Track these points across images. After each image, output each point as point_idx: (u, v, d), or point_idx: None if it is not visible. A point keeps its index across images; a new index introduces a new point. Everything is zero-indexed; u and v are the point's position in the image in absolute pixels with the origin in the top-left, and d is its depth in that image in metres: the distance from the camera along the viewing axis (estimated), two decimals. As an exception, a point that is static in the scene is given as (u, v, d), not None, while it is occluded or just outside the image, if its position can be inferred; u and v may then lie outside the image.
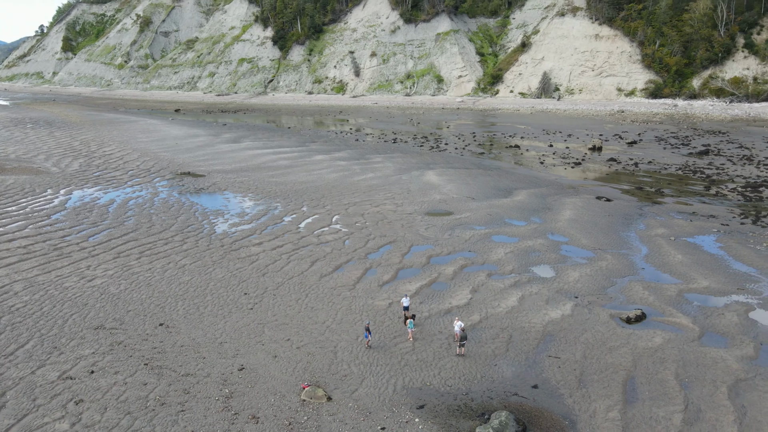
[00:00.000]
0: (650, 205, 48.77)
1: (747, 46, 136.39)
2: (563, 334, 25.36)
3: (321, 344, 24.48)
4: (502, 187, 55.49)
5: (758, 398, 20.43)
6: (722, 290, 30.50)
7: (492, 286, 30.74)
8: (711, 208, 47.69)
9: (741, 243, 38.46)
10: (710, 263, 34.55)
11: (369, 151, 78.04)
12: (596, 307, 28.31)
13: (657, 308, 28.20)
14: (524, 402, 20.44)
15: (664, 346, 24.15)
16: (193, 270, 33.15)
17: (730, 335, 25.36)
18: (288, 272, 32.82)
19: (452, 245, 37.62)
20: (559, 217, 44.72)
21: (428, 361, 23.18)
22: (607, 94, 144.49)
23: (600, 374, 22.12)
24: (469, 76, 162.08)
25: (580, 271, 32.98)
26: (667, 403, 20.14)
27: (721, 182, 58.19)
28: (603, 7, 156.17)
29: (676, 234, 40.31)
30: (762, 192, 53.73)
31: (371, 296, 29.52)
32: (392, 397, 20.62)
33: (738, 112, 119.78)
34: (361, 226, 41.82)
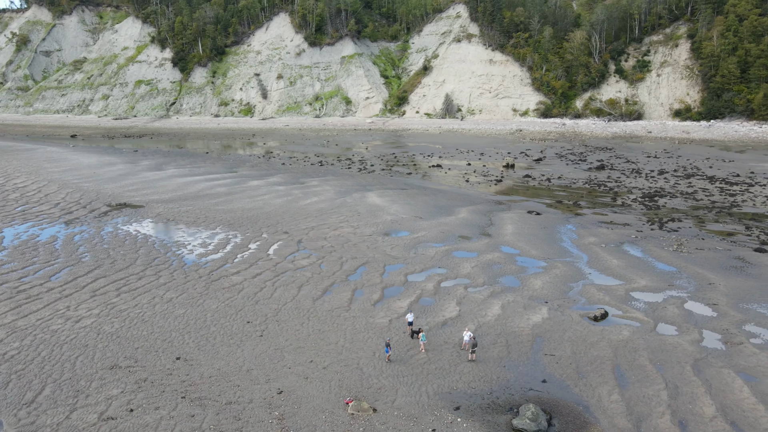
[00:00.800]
0: (574, 217, 55.21)
1: (618, 72, 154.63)
2: (549, 335, 29.25)
3: (344, 363, 26.33)
4: (441, 205, 59.70)
5: (716, 372, 25.42)
6: (657, 287, 36.26)
7: (473, 298, 34.15)
8: (623, 217, 55.02)
9: (657, 246, 45.25)
10: (640, 265, 40.58)
11: (301, 174, 79.45)
12: (566, 309, 32.66)
13: (614, 306, 33.10)
14: (540, 395, 23.82)
15: (632, 338, 28.80)
16: (183, 303, 33.31)
17: (677, 324, 30.67)
18: (280, 299, 34.04)
19: (421, 263, 40.70)
20: (503, 231, 49.48)
21: (446, 368, 25.91)
22: (504, 114, 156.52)
23: (591, 366, 26.13)
24: (376, 98, 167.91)
25: (541, 279, 37.42)
26: (651, 384, 24.47)
27: (622, 194, 66.76)
28: (495, 35, 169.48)
29: (605, 241, 46.44)
30: (657, 201, 62.57)
31: (369, 315, 31.71)
32: (429, 403, 23.09)
33: (616, 129, 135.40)
34: (330, 250, 43.69)
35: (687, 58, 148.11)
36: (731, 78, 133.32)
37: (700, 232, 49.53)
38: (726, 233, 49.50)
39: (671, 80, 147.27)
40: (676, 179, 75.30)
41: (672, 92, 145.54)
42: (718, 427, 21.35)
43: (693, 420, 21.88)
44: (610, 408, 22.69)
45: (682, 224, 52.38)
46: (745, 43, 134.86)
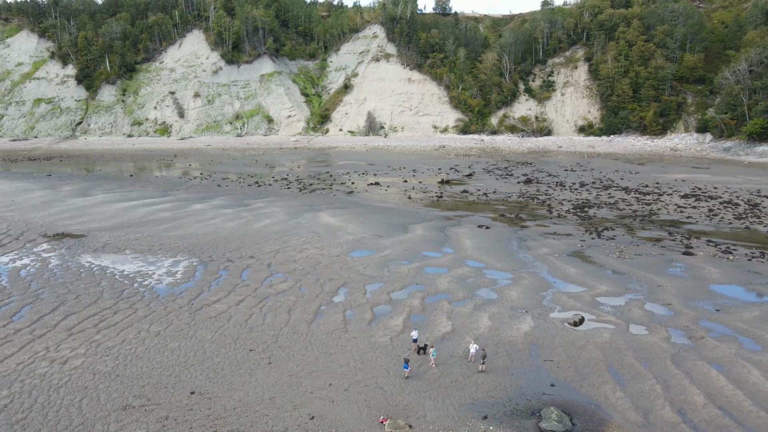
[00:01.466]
0: (520, 230, 58.99)
1: (527, 91, 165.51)
2: (541, 342, 31.60)
3: (363, 383, 26.98)
4: (394, 223, 61.38)
5: (692, 365, 28.84)
6: (617, 292, 40.03)
7: (460, 312, 35.93)
8: (563, 228, 59.59)
9: (602, 254, 49.67)
10: (595, 272, 44.46)
11: (243, 196, 78.09)
12: (546, 317, 35.30)
13: (586, 312, 36.21)
14: (554, 398, 25.88)
15: (613, 339, 31.81)
16: (174, 335, 32.27)
17: (645, 324, 34.21)
18: (273, 324, 33.91)
19: (399, 280, 41.99)
20: (462, 246, 51.97)
21: (461, 381, 27.34)
22: (426, 131, 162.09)
23: (588, 367, 28.66)
24: (298, 116, 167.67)
25: (515, 291, 40.01)
26: (644, 379, 27.34)
27: (555, 206, 72.03)
28: (412, 55, 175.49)
29: (557, 252, 50.23)
30: (587, 212, 68.24)
31: (368, 335, 32.49)
32: (458, 415, 24.38)
33: (530, 145, 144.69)
34: (304, 272, 43.83)
35: (586, 79, 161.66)
36: (625, 97, 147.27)
37: (633, 239, 54.84)
38: (654, 239, 55.17)
39: (574, 99, 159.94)
40: (596, 191, 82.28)
41: (575, 110, 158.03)
42: (711, 413, 24.41)
43: (689, 409, 24.84)
44: (618, 404, 25.17)
45: (615, 233, 57.67)
46: (635, 66, 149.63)
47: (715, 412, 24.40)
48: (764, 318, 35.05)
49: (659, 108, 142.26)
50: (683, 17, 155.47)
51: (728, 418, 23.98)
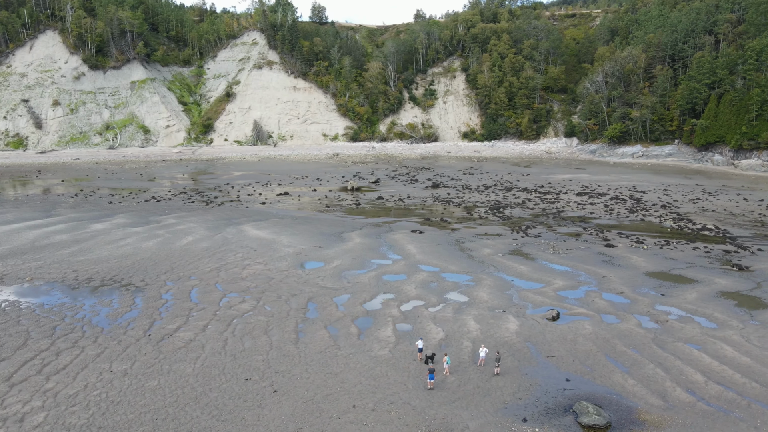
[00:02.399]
0: (452, 232, 60.23)
1: (411, 99, 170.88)
2: (535, 339, 32.23)
3: (389, 401, 25.43)
4: (326, 232, 59.49)
5: (673, 346, 31.14)
6: (572, 285, 42.26)
7: (443, 317, 35.52)
8: (491, 229, 61.95)
9: (539, 250, 52.30)
10: (543, 268, 46.60)
11: (145, 213, 70.89)
12: (524, 314, 36.16)
13: (557, 306, 37.69)
14: (576, 392, 26.41)
15: (596, 330, 33.39)
16: (146, 373, 27.99)
17: (614, 313, 36.41)
18: (257, 349, 30.88)
19: (364, 291, 40.57)
20: (408, 251, 51.73)
21: (484, 386, 26.89)
22: (315, 139, 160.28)
23: (590, 359, 29.72)
24: (178, 126, 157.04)
25: (481, 292, 40.53)
26: (643, 365, 28.94)
27: (471, 208, 74.75)
28: (296, 63, 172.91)
29: (498, 251, 51.95)
30: (503, 212, 71.69)
31: (365, 350, 30.83)
32: (498, 421, 23.88)
33: (421, 151, 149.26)
34: (261, 290, 40.67)
35: (464, 88, 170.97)
36: (502, 105, 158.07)
37: (557, 235, 58.55)
38: (574, 234, 59.39)
39: (455, 107, 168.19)
40: (501, 192, 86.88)
41: (458, 117, 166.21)
42: (715, 390, 26.46)
43: (695, 388, 26.70)
44: (636, 391, 26.33)
45: (538, 230, 61.16)
46: (508, 76, 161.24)
47: (717, 389, 26.48)
48: (703, 298, 39.05)
49: (532, 115, 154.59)
50: (545, 33, 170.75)
51: (731, 392, 26.15)
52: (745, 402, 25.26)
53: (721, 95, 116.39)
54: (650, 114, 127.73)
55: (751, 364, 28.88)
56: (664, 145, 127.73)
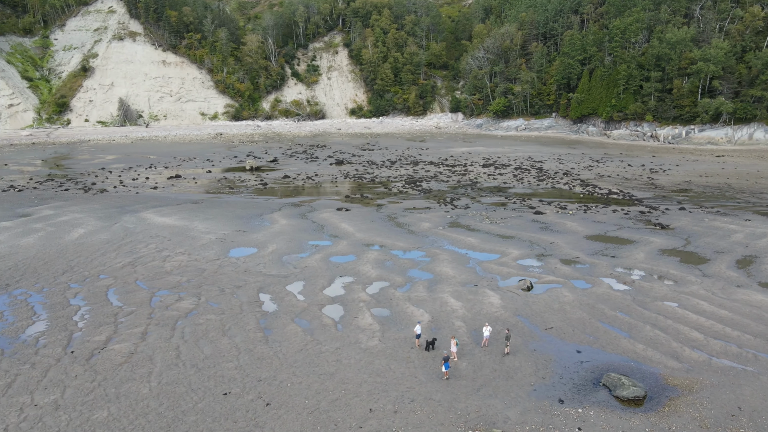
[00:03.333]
0: (379, 208, 57.13)
1: (294, 75, 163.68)
2: (524, 312, 30.36)
3: (408, 398, 21.86)
4: (243, 215, 53.37)
5: (656, 306, 30.99)
6: (528, 254, 41.29)
7: (418, 298, 32.42)
8: (417, 203, 59.82)
9: (475, 221, 51.11)
10: (489, 239, 45.28)
11: (8, 204, 58.73)
12: (497, 287, 34.24)
13: (524, 275, 36.32)
14: (594, 363, 24.82)
15: (577, 297, 32.36)
16: (87, 402, 21.53)
17: (581, 278, 35.83)
18: (222, 354, 25.49)
19: (318, 275, 36.16)
20: (343, 230, 47.74)
21: (501, 369, 24.30)
22: (193, 119, 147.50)
23: (587, 328, 28.44)
24: (24, 105, 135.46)
25: (442, 267, 38.00)
26: (639, 327, 28.24)
27: (387, 183, 72.15)
28: (164, 35, 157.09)
29: (438, 225, 49.87)
30: (421, 185, 69.99)
31: (350, 342, 26.82)
32: (536, 406, 21.45)
33: (310, 128, 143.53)
34: (196, 284, 34.49)
35: (348, 64, 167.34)
36: (388, 81, 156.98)
37: (484, 206, 57.97)
38: (500, 204, 59.26)
39: (340, 83, 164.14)
40: (410, 167, 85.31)
41: (344, 94, 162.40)
42: (716, 346, 26.35)
43: (699, 345, 26.42)
44: (648, 356, 25.38)
45: (462, 201, 60.21)
46: (392, 51, 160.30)
47: (719, 344, 26.42)
48: (651, 257, 40.06)
49: (418, 91, 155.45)
50: (424, 9, 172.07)
51: (733, 346, 26.20)
52: (750, 354, 25.37)
53: (592, 70, 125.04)
54: (530, 89, 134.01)
55: (731, 316, 29.46)
56: (543, 118, 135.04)
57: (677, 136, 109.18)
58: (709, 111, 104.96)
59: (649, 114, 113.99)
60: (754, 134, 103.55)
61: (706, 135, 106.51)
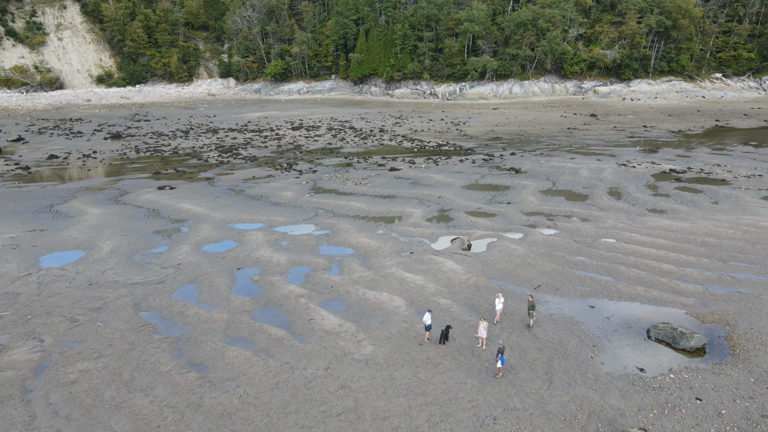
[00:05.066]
0: (210, 182, 46.51)
1: (11, 34, 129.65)
2: (495, 274, 25.85)
3: (490, 417, 15.49)
4: (26, 209, 37.64)
5: (605, 244, 29.54)
6: (430, 211, 36.91)
7: (367, 279, 25.36)
8: (252, 171, 50.50)
9: (337, 184, 44.78)
10: (373, 200, 39.59)
11: None
12: (438, 251, 29.13)
13: (452, 234, 31.87)
14: (618, 315, 21.64)
15: (529, 249, 29.10)
16: None
17: (507, 229, 32.87)
18: (155, 429, 15.29)
19: (208, 272, 26.12)
20: (190, 211, 36.83)
21: (546, 348, 19.39)
22: None
23: (570, 278, 25.29)
24: None
25: (356, 238, 31.23)
26: (617, 270, 26.18)
27: (199, 155, 60.03)
28: None
29: (299, 192, 42.15)
30: (240, 152, 59.96)
31: (337, 355, 18.87)
32: (627, 384, 17.20)
33: (48, 101, 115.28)
34: (19, 318, 21.47)
35: (84, 21, 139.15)
36: (141, 43, 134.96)
37: (332, 168, 51.78)
38: (344, 164, 53.65)
39: (77, 45, 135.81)
40: (211, 135, 73.28)
41: (84, 58, 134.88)
42: (694, 274, 25.63)
43: (682, 277, 25.38)
44: (657, 297, 23.23)
45: (301, 166, 53.01)
46: (141, 7, 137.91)
47: (692, 271, 25.76)
48: (541, 200, 39.42)
49: (180, 54, 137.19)
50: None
51: (714, 273, 25.66)
52: (728, 277, 25.18)
53: (368, 30, 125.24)
54: (308, 50, 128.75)
55: (669, 243, 29.57)
56: (323, 80, 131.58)
57: (453, 93, 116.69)
58: (478, 69, 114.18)
59: (426, 73, 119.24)
60: (512, 88, 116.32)
61: (477, 91, 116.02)
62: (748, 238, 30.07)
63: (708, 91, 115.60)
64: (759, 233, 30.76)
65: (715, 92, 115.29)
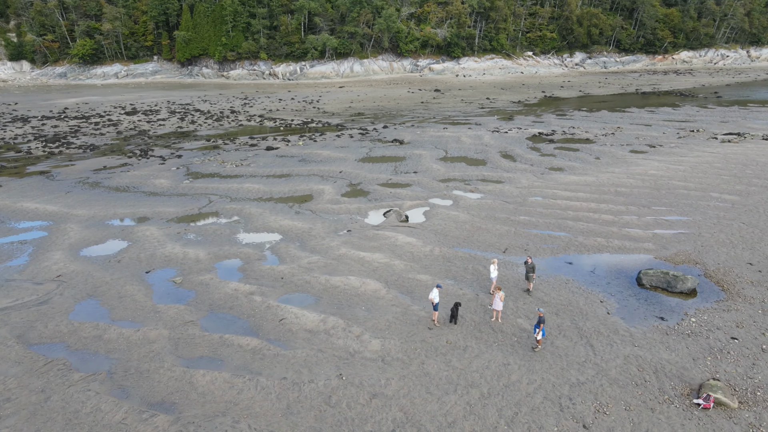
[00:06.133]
0: (50, 175, 37.49)
1: None
2: (453, 242, 23.67)
3: (565, 396, 13.26)
4: None
5: (535, 203, 29.09)
6: (338, 187, 33.47)
7: (321, 264, 21.43)
8: (104, 161, 42.06)
9: (213, 167, 39.12)
10: (270, 181, 34.97)
11: None
12: (378, 225, 26.14)
13: (379, 207, 29.01)
14: (600, 267, 20.92)
15: (470, 214, 27.43)
16: None
17: (433, 197, 30.96)
18: None
19: (115, 283, 19.98)
20: (39, 211, 28.77)
21: (560, 313, 17.72)
22: None
23: (528, 238, 24.14)
24: None
25: (278, 221, 26.79)
26: (564, 225, 25.68)
27: (16, 146, 48.46)
28: None
29: (178, 179, 35.78)
30: (71, 142, 49.83)
31: (342, 358, 15.09)
32: (656, 336, 16.24)
33: None
34: None
35: None
36: None
37: (197, 153, 45.40)
38: (210, 147, 47.53)
39: None
40: (23, 124, 60.01)
41: None
42: (634, 221, 26.20)
43: (629, 224, 25.70)
44: (625, 246, 23.06)
45: (160, 152, 45.69)
46: None
47: (633, 218, 26.34)
48: (446, 167, 38.35)
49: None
50: None
51: (644, 209, 26.51)
52: (668, 222, 26.15)
53: (192, 6, 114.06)
54: (122, 27, 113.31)
55: (595, 196, 30.16)
56: (144, 62, 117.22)
57: (294, 73, 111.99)
58: (318, 47, 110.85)
59: (263, 52, 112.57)
60: (353, 67, 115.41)
61: (318, 70, 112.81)
62: (650, 185, 32.01)
63: (524, 67, 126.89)
64: (655, 180, 32.99)
65: (530, 68, 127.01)
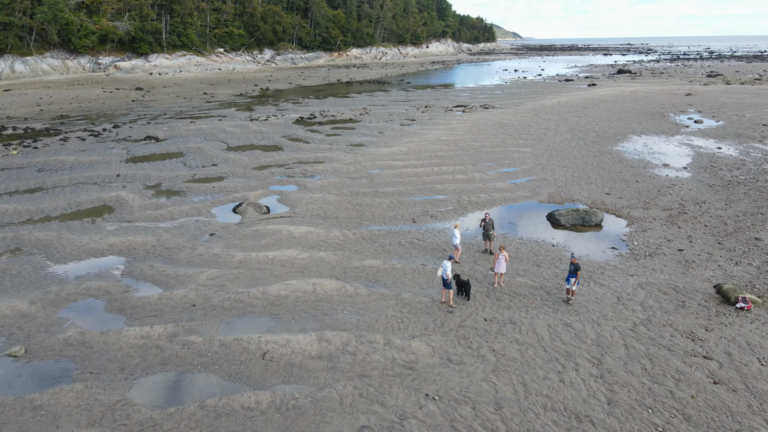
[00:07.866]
0: None
1: None
2: (365, 220, 20.38)
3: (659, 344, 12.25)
4: None
5: (389, 166, 27.49)
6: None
7: (256, 261, 15.64)
8: None
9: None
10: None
11: None
12: (230, 224, 20.83)
13: (228, 201, 23.30)
14: (516, 221, 20.75)
15: (338, 196, 24.14)
16: None
17: (283, 184, 26.40)
18: None
19: None
20: None
21: (541, 262, 16.64)
22: None
23: (439, 205, 22.53)
24: None
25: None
26: (447, 183, 24.88)
27: None
28: None
29: None
30: None
31: (407, 367, 11.13)
32: (630, 258, 16.81)
33: None
34: None
35: None
36: None
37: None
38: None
39: None
40: None
41: None
42: (483, 177, 27.03)
43: (491, 179, 26.27)
44: (516, 196, 23.37)
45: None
46: None
47: (471, 167, 27.15)
48: (251, 156, 33.57)
49: None
50: None
51: (485, 164, 27.51)
52: (508, 173, 27.64)
53: None
54: None
55: (419, 162, 30.18)
56: None
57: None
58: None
59: None
60: (14, 66, 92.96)
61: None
62: (457, 148, 33.79)
63: (220, 64, 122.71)
64: (455, 144, 35.03)
65: (226, 65, 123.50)
